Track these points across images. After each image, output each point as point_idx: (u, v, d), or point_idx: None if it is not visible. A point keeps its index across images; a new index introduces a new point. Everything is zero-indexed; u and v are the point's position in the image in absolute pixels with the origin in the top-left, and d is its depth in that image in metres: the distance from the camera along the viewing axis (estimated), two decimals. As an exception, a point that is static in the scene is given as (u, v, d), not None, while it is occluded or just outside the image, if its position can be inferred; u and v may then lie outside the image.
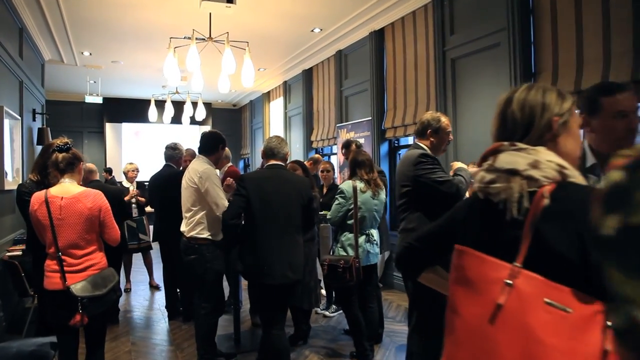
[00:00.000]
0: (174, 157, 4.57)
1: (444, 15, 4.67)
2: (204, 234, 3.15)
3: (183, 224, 3.26)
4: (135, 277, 5.86)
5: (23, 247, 3.95)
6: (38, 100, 6.47)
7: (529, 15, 3.83)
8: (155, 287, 5.59)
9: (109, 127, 10.84)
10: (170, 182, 4.01)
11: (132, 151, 10.59)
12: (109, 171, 6.88)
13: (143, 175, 5.83)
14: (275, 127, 9.51)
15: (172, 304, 4.48)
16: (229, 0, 4.59)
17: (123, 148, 10.88)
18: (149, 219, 5.27)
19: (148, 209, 5.30)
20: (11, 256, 3.86)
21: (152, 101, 8.34)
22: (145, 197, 5.14)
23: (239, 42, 4.82)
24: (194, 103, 8.10)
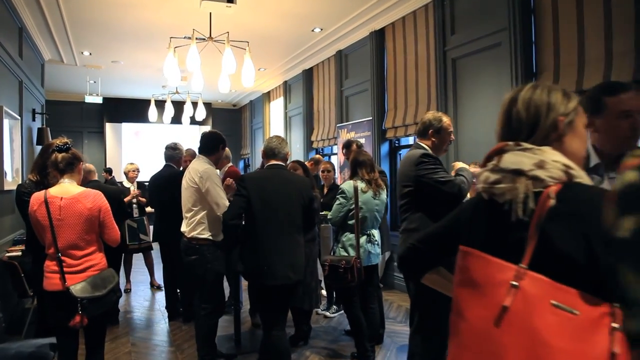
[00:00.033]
0: (174, 157, 4.56)
1: (445, 15, 4.66)
2: (205, 234, 3.14)
3: (183, 224, 3.25)
4: (135, 277, 5.84)
5: (22, 247, 3.95)
6: (38, 100, 6.46)
7: (530, 14, 3.82)
8: (157, 287, 5.58)
9: (108, 127, 10.83)
10: (170, 183, 4.01)
11: (132, 151, 10.58)
12: (109, 171, 6.87)
13: (143, 176, 5.82)
14: (275, 127, 9.50)
15: (173, 305, 4.47)
16: (229, 0, 4.58)
17: (123, 148, 10.86)
18: (149, 219, 5.26)
19: (148, 209, 5.29)
20: (10, 257, 3.85)
21: (152, 101, 8.33)
22: (146, 197, 5.14)
23: (239, 41, 4.81)
24: (194, 103, 8.09)
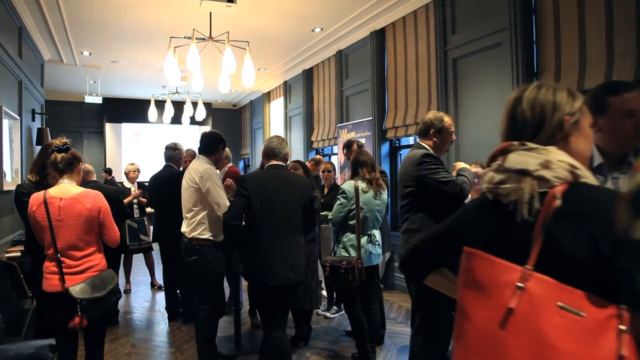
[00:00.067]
0: (174, 157, 4.55)
1: (445, 15, 4.65)
2: (206, 234, 3.13)
3: (184, 225, 3.24)
4: (135, 278, 5.83)
5: (22, 248, 3.93)
6: (37, 100, 6.44)
7: (531, 14, 3.81)
8: (158, 288, 5.56)
9: (108, 127, 10.81)
10: (170, 183, 4.00)
11: (132, 151, 10.57)
12: (109, 171, 6.85)
13: (143, 176, 5.80)
14: (275, 127, 9.49)
15: (172, 306, 4.46)
16: (230, 0, 4.57)
17: (123, 148, 10.85)
18: (149, 219, 5.24)
19: (148, 209, 5.28)
20: (10, 257, 3.84)
21: (152, 101, 8.31)
22: (146, 197, 5.12)
23: (239, 41, 4.80)
24: (194, 103, 8.08)
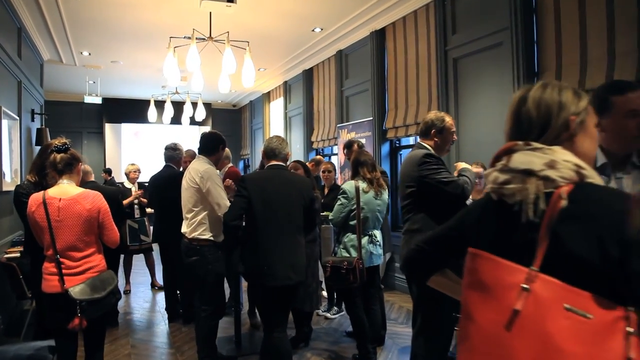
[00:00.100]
0: (174, 157, 4.54)
1: (446, 15, 4.64)
2: (206, 235, 3.12)
3: (184, 225, 3.23)
4: (135, 278, 5.82)
5: (21, 249, 3.92)
6: (37, 101, 6.43)
7: (531, 14, 3.80)
8: (158, 288, 5.54)
9: (108, 128, 10.80)
10: (170, 183, 3.98)
11: (132, 152, 10.56)
12: (108, 172, 6.84)
13: (143, 176, 5.79)
14: (275, 127, 9.48)
15: (172, 306, 4.44)
16: (229, 0, 4.56)
17: (122, 148, 10.84)
18: (149, 220, 5.23)
19: (148, 210, 5.27)
20: (9, 258, 3.83)
21: (152, 101, 8.30)
22: (146, 197, 5.11)
23: (239, 41, 4.79)
24: (194, 103, 8.07)
